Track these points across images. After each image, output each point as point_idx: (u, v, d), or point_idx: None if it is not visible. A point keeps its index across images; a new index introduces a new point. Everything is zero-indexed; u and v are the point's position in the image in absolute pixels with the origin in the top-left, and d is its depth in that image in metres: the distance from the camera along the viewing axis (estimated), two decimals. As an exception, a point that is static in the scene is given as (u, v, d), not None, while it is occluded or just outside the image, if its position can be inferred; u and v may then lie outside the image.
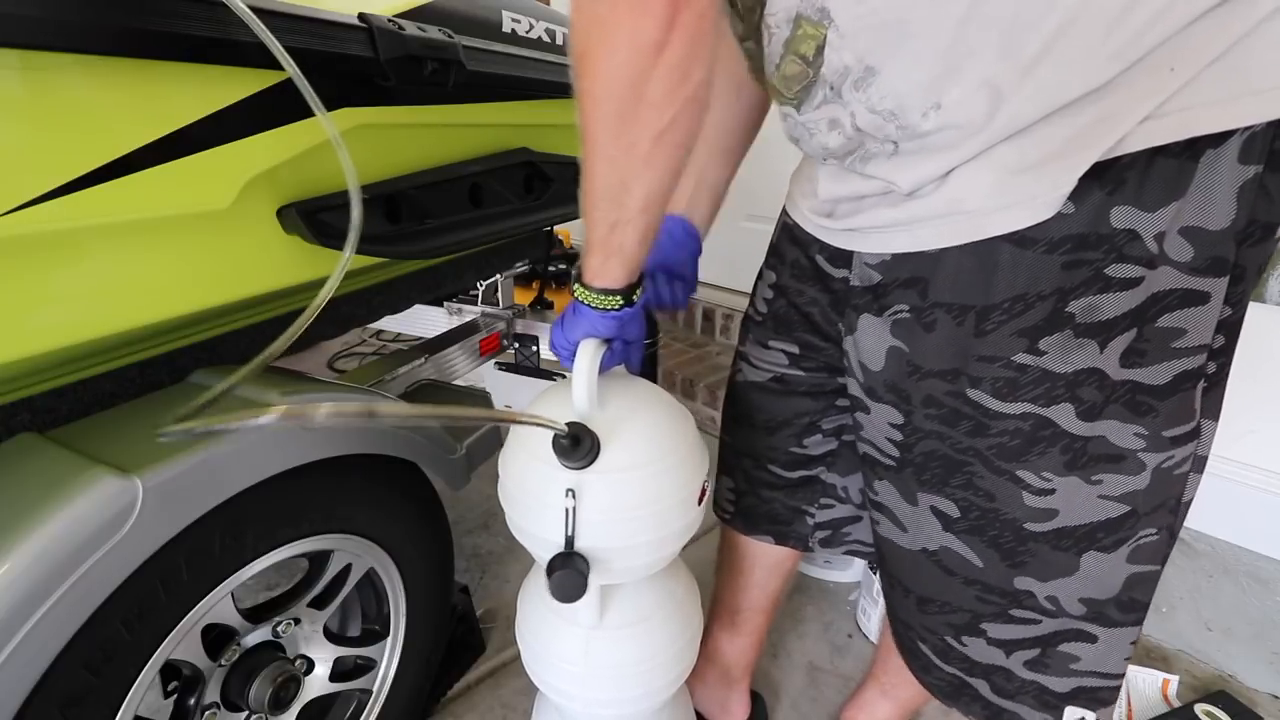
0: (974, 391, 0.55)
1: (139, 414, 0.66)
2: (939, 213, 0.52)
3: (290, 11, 0.61)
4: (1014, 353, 0.52)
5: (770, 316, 0.79)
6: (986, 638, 0.64)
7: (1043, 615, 0.60)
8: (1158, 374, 0.50)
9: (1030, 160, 0.47)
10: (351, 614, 0.91)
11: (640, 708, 0.77)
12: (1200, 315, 0.49)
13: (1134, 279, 0.48)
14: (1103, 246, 0.48)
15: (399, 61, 0.71)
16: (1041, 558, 0.58)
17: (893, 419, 0.62)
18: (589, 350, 0.61)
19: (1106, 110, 0.44)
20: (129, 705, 0.60)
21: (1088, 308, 0.49)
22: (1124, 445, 0.53)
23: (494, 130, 0.99)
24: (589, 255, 0.59)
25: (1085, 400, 0.52)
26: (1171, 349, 0.50)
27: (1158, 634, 1.29)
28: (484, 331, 1.30)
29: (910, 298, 0.57)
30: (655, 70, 0.46)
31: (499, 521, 1.58)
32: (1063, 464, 0.54)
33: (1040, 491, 0.55)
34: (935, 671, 0.70)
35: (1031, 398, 0.53)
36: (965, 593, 0.63)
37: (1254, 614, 1.20)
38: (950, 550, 0.62)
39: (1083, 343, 0.50)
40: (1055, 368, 0.51)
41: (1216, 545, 1.24)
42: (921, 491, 0.62)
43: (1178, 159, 0.45)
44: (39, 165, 0.50)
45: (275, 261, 0.72)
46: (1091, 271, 0.48)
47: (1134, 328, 0.49)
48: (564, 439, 0.59)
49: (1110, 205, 0.46)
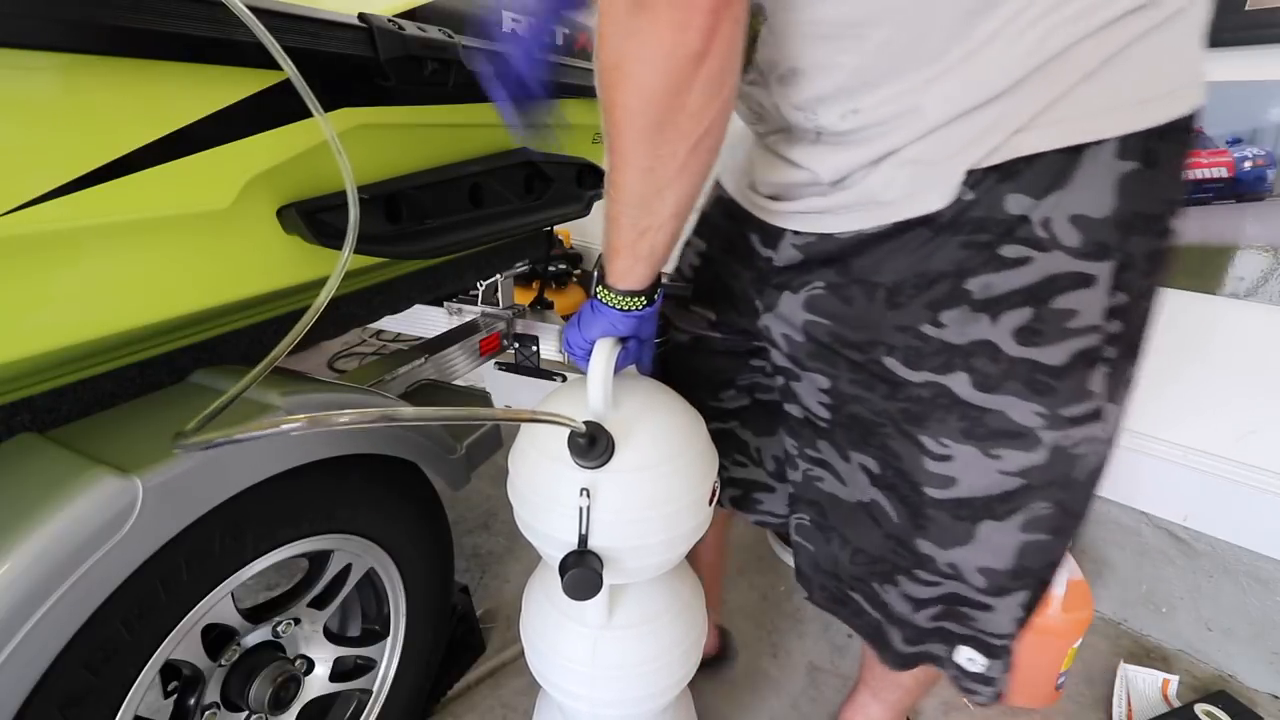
0: (887, 359, 0.60)
1: (139, 414, 0.66)
2: (858, 202, 0.57)
3: (290, 11, 0.61)
4: (920, 324, 0.57)
5: (694, 284, 0.82)
6: (899, 591, 0.70)
7: (943, 579, 0.67)
8: (1054, 354, 0.54)
9: (936, 157, 0.52)
10: (351, 614, 0.91)
11: (645, 708, 0.77)
12: (1089, 297, 0.53)
13: (1023, 259, 0.52)
14: (996, 229, 0.52)
15: (399, 61, 0.71)
16: (940, 524, 0.63)
17: (821, 384, 0.66)
18: (605, 349, 0.62)
19: (1000, 116, 0.49)
20: (129, 705, 0.60)
21: (983, 285, 0.54)
22: (1024, 423, 0.57)
23: (494, 130, 0.99)
24: (615, 259, 0.59)
25: (980, 371, 0.56)
26: (1065, 329, 0.54)
27: (1158, 634, 1.29)
28: (484, 331, 1.30)
29: (828, 275, 0.61)
30: (696, 81, 0.46)
31: (499, 521, 1.58)
32: (959, 431, 0.58)
33: (939, 457, 0.60)
34: (865, 616, 0.75)
35: (932, 366, 0.58)
36: (886, 544, 0.69)
37: (1254, 614, 1.20)
38: (877, 503, 0.68)
39: (978, 316, 0.55)
40: (953, 339, 0.56)
41: (1216, 545, 1.24)
42: (851, 450, 0.68)
43: (1063, 154, 0.49)
44: (39, 165, 0.50)
45: (275, 261, 0.72)
46: (986, 252, 0.53)
47: (1028, 306, 0.53)
48: (581, 438, 0.59)
49: (1004, 192, 0.51)
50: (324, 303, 0.54)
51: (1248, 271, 1.13)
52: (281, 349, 0.53)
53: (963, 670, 0.72)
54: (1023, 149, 0.49)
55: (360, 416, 0.44)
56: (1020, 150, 0.49)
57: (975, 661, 0.71)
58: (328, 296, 0.55)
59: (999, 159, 0.50)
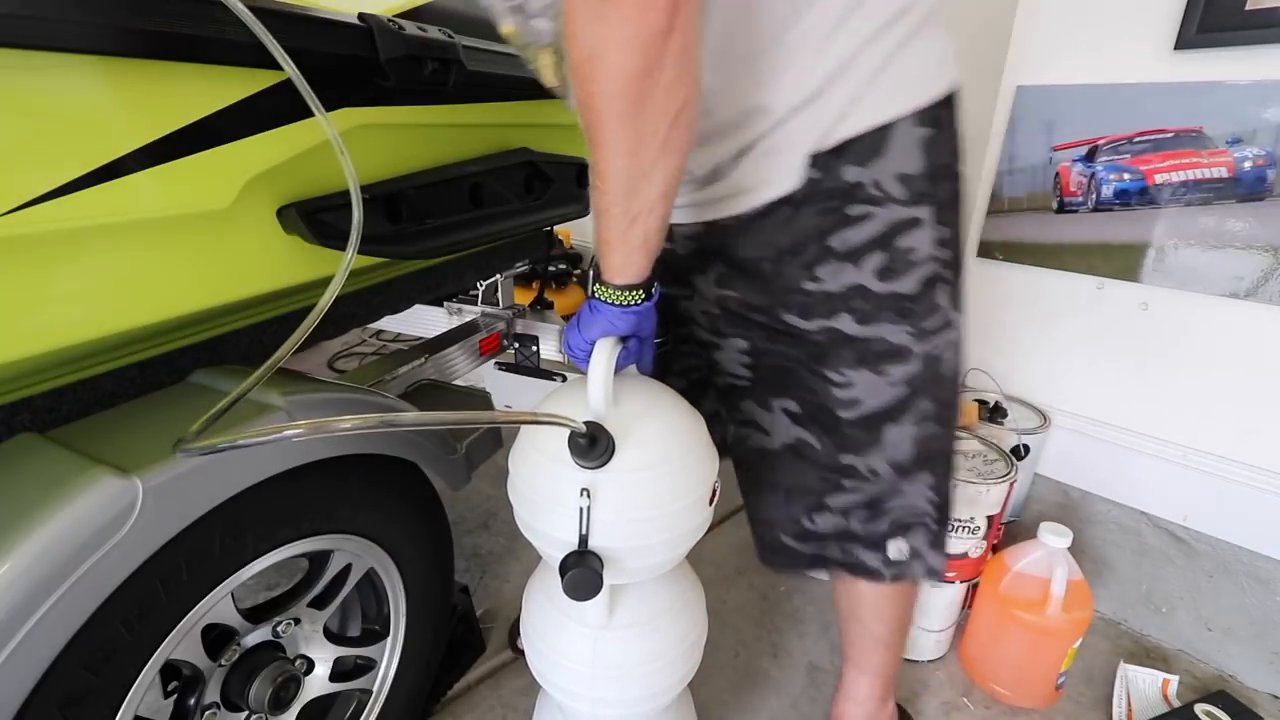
0: (786, 315, 0.72)
1: (139, 414, 0.66)
2: (729, 192, 0.68)
3: (291, 11, 0.61)
4: (802, 282, 0.69)
5: None
6: (830, 510, 0.81)
7: (863, 482, 0.78)
8: (908, 284, 0.69)
9: (784, 147, 0.64)
10: (351, 614, 0.91)
11: (645, 708, 0.77)
12: (921, 234, 0.68)
13: (866, 214, 0.66)
14: (841, 196, 0.66)
15: (399, 61, 0.71)
16: (855, 438, 0.76)
17: (740, 346, 0.78)
18: (606, 349, 0.62)
19: (824, 109, 0.63)
20: (129, 705, 0.60)
21: (842, 240, 0.67)
22: (898, 342, 0.71)
23: (494, 130, 0.99)
24: (609, 254, 0.60)
25: (858, 309, 0.69)
26: (910, 262, 0.68)
27: (1158, 634, 1.29)
28: (484, 331, 1.30)
29: (723, 257, 0.73)
30: (666, 57, 0.50)
31: (499, 521, 1.58)
32: (853, 360, 0.72)
33: (843, 384, 0.73)
34: (798, 557, 0.86)
35: (821, 314, 0.70)
36: (813, 475, 0.80)
37: (1254, 614, 1.20)
38: (801, 440, 0.79)
39: (845, 266, 0.68)
40: (832, 288, 0.69)
41: (1216, 545, 1.24)
42: (773, 398, 0.79)
43: (877, 131, 0.64)
44: (39, 165, 0.50)
45: (275, 261, 0.72)
46: (838, 214, 0.66)
47: (880, 250, 0.67)
48: (581, 438, 0.59)
49: (840, 166, 0.65)
50: (326, 305, 0.54)
51: (1248, 271, 1.13)
52: (284, 352, 0.53)
53: (897, 562, 0.82)
54: (847, 132, 0.63)
55: (362, 422, 0.44)
56: (846, 134, 0.63)
57: (903, 549, 0.82)
58: (330, 299, 0.55)
59: (832, 142, 0.64)
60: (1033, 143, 1.32)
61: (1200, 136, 1.14)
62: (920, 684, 1.19)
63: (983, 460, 1.15)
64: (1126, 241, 1.24)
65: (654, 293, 0.64)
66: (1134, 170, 1.21)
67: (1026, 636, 1.09)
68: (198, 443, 0.46)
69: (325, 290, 0.55)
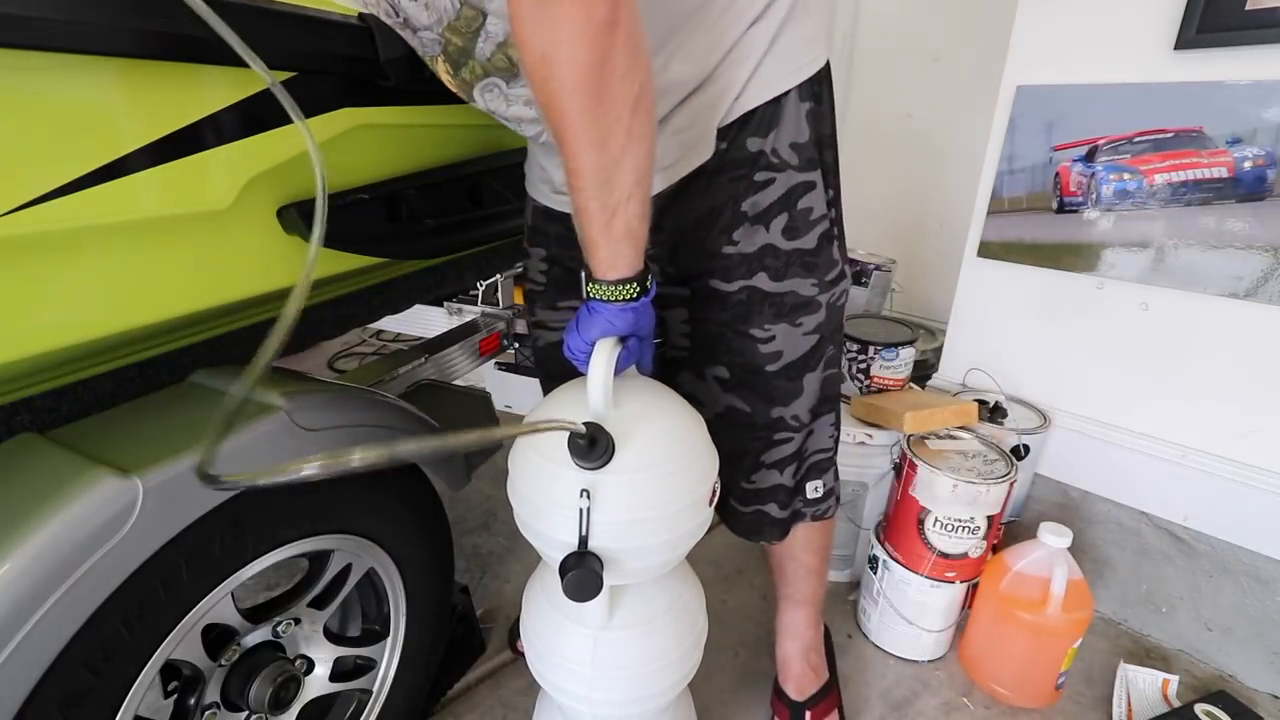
0: (712, 281, 0.78)
1: (139, 414, 0.66)
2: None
3: (290, 11, 0.61)
4: (722, 247, 0.76)
5: (552, 283, 0.92)
6: (765, 466, 0.88)
7: (792, 433, 0.86)
8: (809, 240, 0.77)
9: (692, 124, 0.71)
10: (351, 614, 0.91)
11: (645, 709, 0.77)
12: (815, 196, 0.76)
13: (769, 180, 0.74)
14: (747, 164, 0.73)
15: (399, 61, 0.71)
16: (782, 390, 0.83)
17: (681, 317, 0.84)
18: (605, 350, 0.61)
19: (723, 88, 0.70)
20: (129, 705, 0.60)
21: (752, 204, 0.74)
22: (807, 294, 0.79)
23: (494, 130, 0.99)
24: (596, 251, 0.60)
25: (770, 267, 0.77)
26: (810, 221, 0.77)
27: (1158, 634, 1.29)
28: (484, 331, 1.30)
29: (655, 231, 0.74)
30: (615, 45, 0.51)
31: (499, 521, 1.58)
32: (773, 315, 0.79)
33: (765, 340, 0.80)
34: (742, 518, 0.93)
35: (740, 275, 0.77)
36: (746, 437, 0.86)
37: (1254, 614, 1.20)
38: (731, 407, 0.85)
39: (756, 228, 0.75)
40: (746, 250, 0.76)
41: (1216, 545, 1.23)
42: (705, 366, 0.85)
43: (769, 105, 0.72)
44: (39, 165, 0.50)
45: (275, 261, 0.72)
46: (745, 181, 0.74)
47: (784, 212, 0.75)
48: (581, 439, 0.59)
49: (744, 137, 0.72)
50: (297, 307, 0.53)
51: (1248, 271, 1.13)
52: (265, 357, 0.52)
53: (813, 500, 0.92)
54: (746, 106, 0.71)
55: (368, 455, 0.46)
56: (745, 108, 0.71)
57: (818, 487, 0.92)
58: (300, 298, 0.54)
59: (733, 117, 0.71)
60: (1032, 143, 1.31)
61: (1200, 136, 1.14)
62: (920, 684, 1.19)
63: (983, 460, 1.15)
64: (1126, 241, 1.24)
65: (650, 287, 0.64)
66: (1134, 170, 1.21)
67: (1026, 636, 1.09)
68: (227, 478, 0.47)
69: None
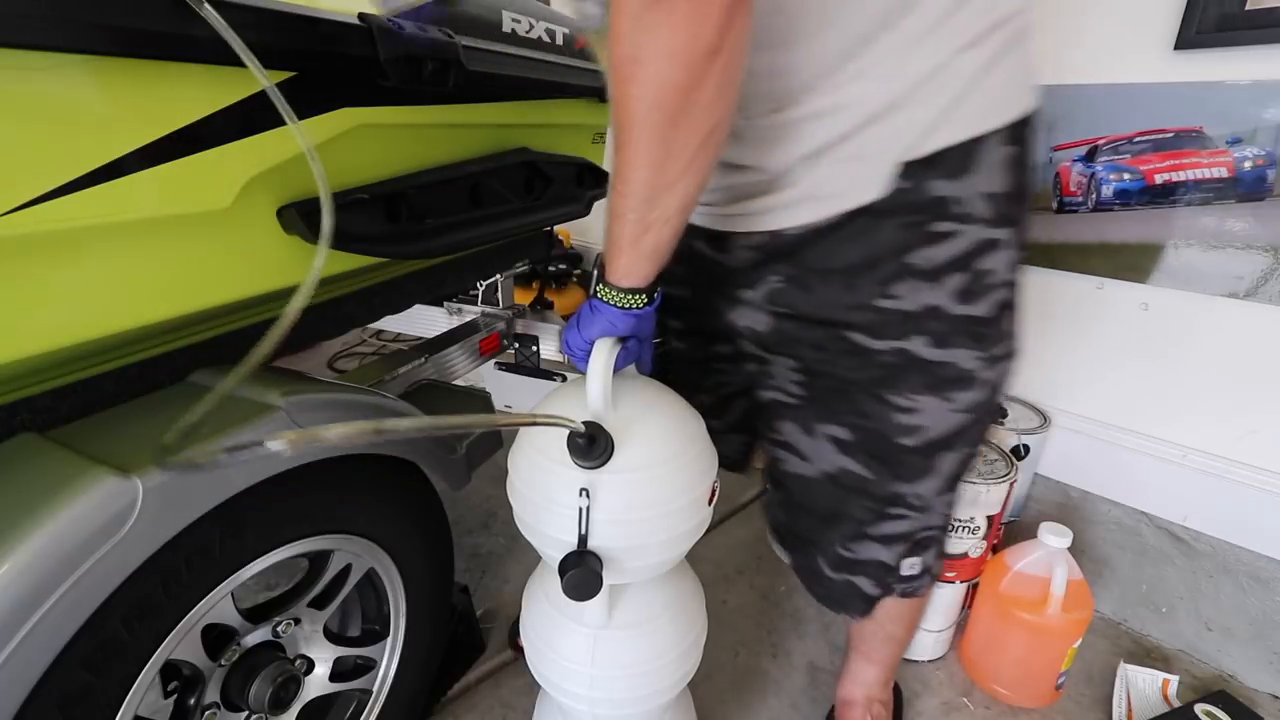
0: (851, 334, 0.67)
1: (139, 414, 0.66)
2: (801, 199, 0.63)
3: (290, 11, 0.61)
4: (875, 300, 0.65)
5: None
6: (869, 538, 0.79)
7: (911, 511, 0.76)
8: (984, 307, 0.65)
9: (864, 155, 0.60)
10: (351, 614, 0.91)
11: (645, 708, 0.77)
12: (1002, 258, 0.64)
13: (951, 232, 0.62)
14: (927, 210, 0.61)
15: (399, 61, 0.71)
16: (912, 465, 0.73)
17: (792, 365, 0.73)
18: (605, 349, 0.61)
19: (911, 119, 0.58)
20: (129, 705, 0.60)
21: (924, 258, 0.63)
22: (968, 368, 0.67)
23: (494, 130, 0.99)
24: (617, 256, 0.60)
25: (933, 332, 0.65)
26: (988, 285, 0.65)
27: (1158, 634, 1.29)
28: (484, 331, 1.30)
29: (783, 269, 0.68)
30: (710, 75, 0.48)
31: (499, 521, 1.58)
32: (923, 385, 0.68)
33: (907, 410, 0.69)
34: (828, 584, 0.84)
35: (894, 334, 0.66)
36: (858, 504, 0.77)
37: (1254, 614, 1.20)
38: (845, 470, 0.75)
39: (924, 285, 0.63)
40: (907, 307, 0.64)
41: (1216, 545, 1.24)
42: (819, 423, 0.75)
43: (967, 144, 0.60)
44: (39, 165, 0.50)
45: (275, 261, 0.72)
46: (920, 230, 0.62)
47: (961, 271, 0.63)
48: (580, 438, 0.59)
49: (929, 179, 0.60)
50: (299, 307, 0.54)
51: (1248, 271, 1.13)
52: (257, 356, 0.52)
53: (906, 576, 0.82)
54: (940, 142, 0.59)
55: (348, 431, 0.42)
56: (939, 144, 0.59)
57: (915, 565, 0.82)
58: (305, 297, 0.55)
59: (923, 152, 0.59)
60: (1033, 143, 1.32)
61: (1200, 136, 1.14)
62: (920, 684, 1.19)
63: (983, 460, 1.15)
64: (1126, 241, 1.24)
65: (656, 297, 0.64)
66: (1134, 170, 1.21)
67: (1026, 636, 1.09)
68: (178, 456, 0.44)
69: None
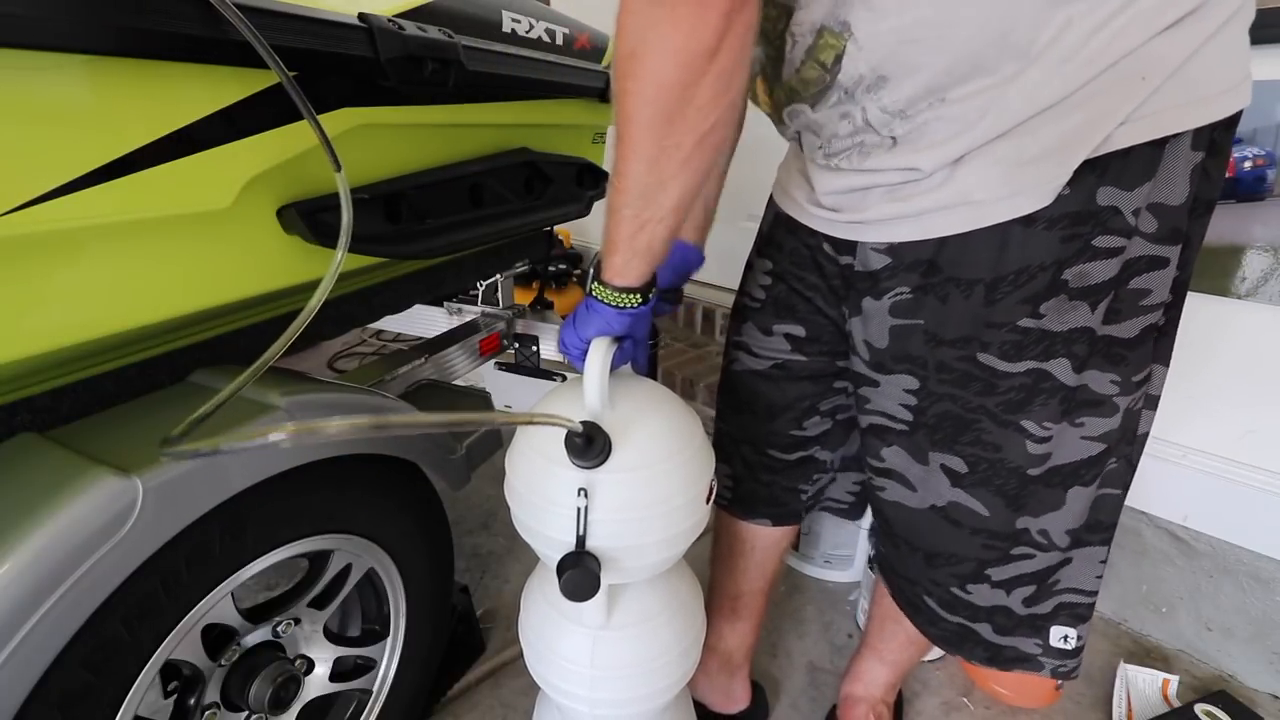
0: (984, 355, 0.61)
1: (139, 414, 0.66)
2: (947, 203, 0.57)
3: (290, 11, 0.61)
4: (1019, 318, 0.59)
5: (771, 302, 0.82)
6: (990, 582, 0.71)
7: (1036, 550, 0.69)
8: (1129, 329, 0.60)
9: (1029, 156, 0.53)
10: (351, 614, 0.91)
11: (645, 708, 0.77)
12: (1161, 277, 0.58)
13: (1116, 248, 0.56)
14: (1091, 221, 0.55)
15: (399, 61, 0.71)
16: (1038, 497, 0.66)
17: (908, 386, 0.67)
18: (601, 348, 0.61)
19: (1091, 114, 0.51)
20: (129, 705, 0.60)
21: (1079, 274, 0.57)
22: (1103, 392, 0.62)
23: (494, 130, 0.99)
24: (612, 254, 0.60)
25: (1077, 355, 0.60)
26: (1139, 306, 0.59)
27: (1158, 634, 1.29)
28: (484, 331, 1.30)
29: (915, 278, 0.62)
30: (706, 76, 0.49)
31: (499, 521, 1.58)
32: (1060, 413, 0.62)
33: (1041, 439, 0.63)
34: (941, 624, 0.77)
35: (1033, 355, 0.60)
36: (971, 542, 0.69)
37: (1254, 614, 1.20)
38: (958, 504, 0.68)
39: (1076, 304, 0.58)
40: (1053, 327, 0.59)
41: (1216, 545, 1.23)
42: (933, 451, 0.68)
43: (1149, 146, 0.53)
44: (39, 165, 0.50)
45: (275, 261, 0.72)
46: (1082, 243, 0.56)
47: (1114, 289, 0.58)
48: (578, 438, 0.59)
49: (1098, 186, 0.54)
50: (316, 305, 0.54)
51: (1248, 271, 1.13)
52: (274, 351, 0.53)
53: (1061, 651, 0.73)
54: (1121, 142, 0.52)
55: (348, 425, 0.42)
56: (1118, 144, 0.52)
57: (1069, 638, 0.72)
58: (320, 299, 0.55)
59: (1098, 154, 0.52)
60: (1033, 143, 1.32)
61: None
62: (920, 684, 1.19)
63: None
64: (1126, 241, 1.24)
65: (651, 298, 0.64)
66: (1134, 170, 1.21)
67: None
68: (181, 446, 0.45)
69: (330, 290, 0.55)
